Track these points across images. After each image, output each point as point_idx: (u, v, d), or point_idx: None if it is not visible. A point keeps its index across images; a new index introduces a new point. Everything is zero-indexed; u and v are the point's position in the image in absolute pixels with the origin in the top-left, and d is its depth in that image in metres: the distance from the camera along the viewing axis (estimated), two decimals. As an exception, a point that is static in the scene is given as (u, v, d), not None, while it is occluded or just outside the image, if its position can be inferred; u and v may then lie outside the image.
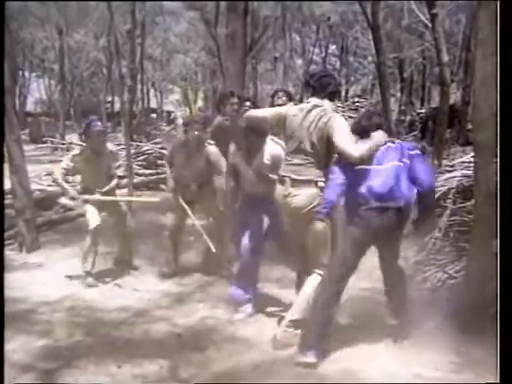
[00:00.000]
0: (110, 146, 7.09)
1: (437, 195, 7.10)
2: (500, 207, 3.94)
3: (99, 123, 6.79)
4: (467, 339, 4.45)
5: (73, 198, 6.85)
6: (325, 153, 4.70)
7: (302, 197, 4.65)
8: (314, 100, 4.76)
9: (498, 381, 3.36)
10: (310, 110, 4.69)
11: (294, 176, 4.69)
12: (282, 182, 4.73)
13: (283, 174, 4.76)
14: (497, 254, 3.90)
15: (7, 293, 5.18)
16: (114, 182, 6.85)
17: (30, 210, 7.89)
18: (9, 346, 4.51)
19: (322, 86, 4.78)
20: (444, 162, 12.37)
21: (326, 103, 4.73)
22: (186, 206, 6.57)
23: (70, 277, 6.51)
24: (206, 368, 4.34)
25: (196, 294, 6.06)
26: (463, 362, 4.28)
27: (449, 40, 20.80)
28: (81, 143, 6.63)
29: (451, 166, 8.03)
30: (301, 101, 5.07)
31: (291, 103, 5.17)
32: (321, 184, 4.64)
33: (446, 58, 14.15)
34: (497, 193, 4.09)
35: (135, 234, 7.06)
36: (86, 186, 6.73)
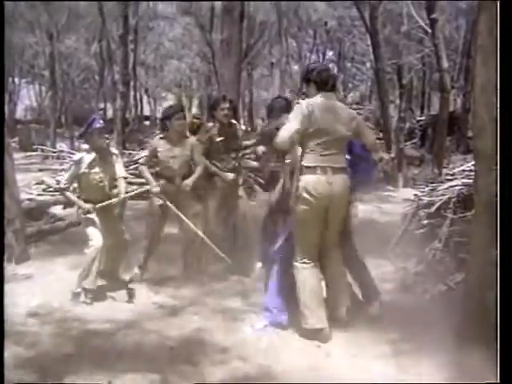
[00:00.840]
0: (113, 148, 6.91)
1: (437, 205, 7.16)
2: (500, 215, 3.96)
3: (102, 121, 6.53)
4: (466, 350, 4.45)
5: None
6: (346, 144, 5.16)
7: (341, 183, 5.04)
8: (325, 94, 5.08)
9: (498, 381, 3.41)
10: (335, 106, 5.10)
11: (333, 164, 4.99)
12: (325, 171, 4.95)
13: (321, 164, 4.99)
14: (496, 261, 3.93)
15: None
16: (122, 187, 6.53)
17: (19, 220, 7.88)
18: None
19: (323, 80, 5.11)
20: (444, 170, 12.44)
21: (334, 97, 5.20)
22: (179, 213, 6.67)
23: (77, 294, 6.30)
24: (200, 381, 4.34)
25: (190, 306, 6.05)
26: (462, 373, 4.27)
27: (449, 46, 20.93)
28: (71, 151, 6.51)
29: (451, 175, 8.05)
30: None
31: (302, 100, 5.30)
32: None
33: (445, 64, 14.27)
34: (497, 201, 4.10)
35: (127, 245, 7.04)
36: (87, 199, 6.45)
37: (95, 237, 6.26)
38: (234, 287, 6.65)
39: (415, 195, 8.09)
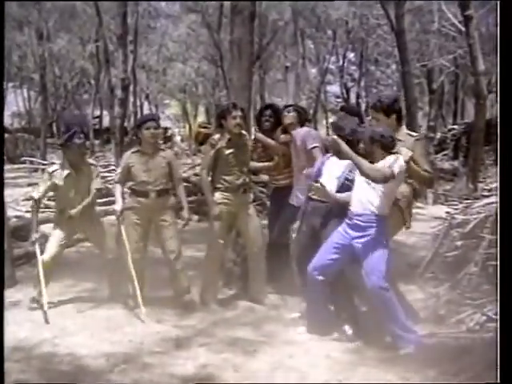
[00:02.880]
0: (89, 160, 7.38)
1: (472, 224, 7.10)
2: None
3: (82, 135, 6.89)
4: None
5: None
6: None
7: None
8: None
9: (498, 381, 3.53)
10: None
11: None
12: None
13: None
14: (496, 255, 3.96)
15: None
16: (88, 199, 6.98)
17: (5, 240, 7.87)
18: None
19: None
20: (480, 185, 12.36)
21: None
22: (124, 236, 6.81)
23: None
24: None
25: (196, 337, 6.01)
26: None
27: (486, 45, 20.86)
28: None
29: (489, 191, 8.03)
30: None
31: None
32: None
33: (481, 66, 14.14)
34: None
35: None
36: (63, 209, 6.95)
37: (49, 247, 6.84)
38: (245, 316, 6.62)
39: (447, 213, 8.06)
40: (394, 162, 5.36)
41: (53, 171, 6.90)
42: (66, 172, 6.83)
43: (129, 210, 6.85)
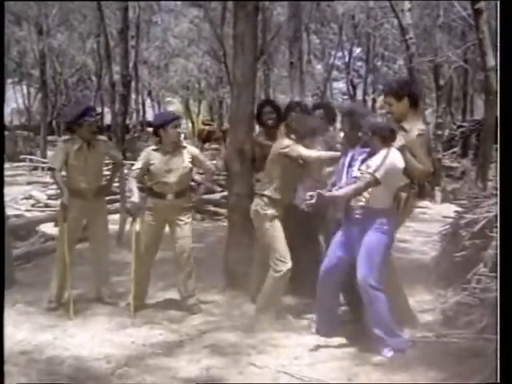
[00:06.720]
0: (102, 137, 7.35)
1: (481, 223, 7.08)
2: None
3: (93, 113, 6.92)
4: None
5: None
6: None
7: None
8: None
9: (498, 381, 3.57)
10: None
11: None
12: None
13: None
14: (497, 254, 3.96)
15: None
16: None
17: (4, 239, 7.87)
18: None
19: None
20: (490, 184, 12.30)
21: None
22: (133, 235, 6.78)
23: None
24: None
25: (200, 339, 6.01)
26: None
27: (496, 39, 20.85)
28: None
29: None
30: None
31: None
32: None
33: (492, 61, 14.04)
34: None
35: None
36: (75, 188, 6.85)
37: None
38: (248, 317, 6.61)
39: (456, 212, 8.03)
40: (379, 166, 5.27)
41: (66, 140, 6.91)
42: (76, 146, 6.77)
43: (145, 209, 6.75)
